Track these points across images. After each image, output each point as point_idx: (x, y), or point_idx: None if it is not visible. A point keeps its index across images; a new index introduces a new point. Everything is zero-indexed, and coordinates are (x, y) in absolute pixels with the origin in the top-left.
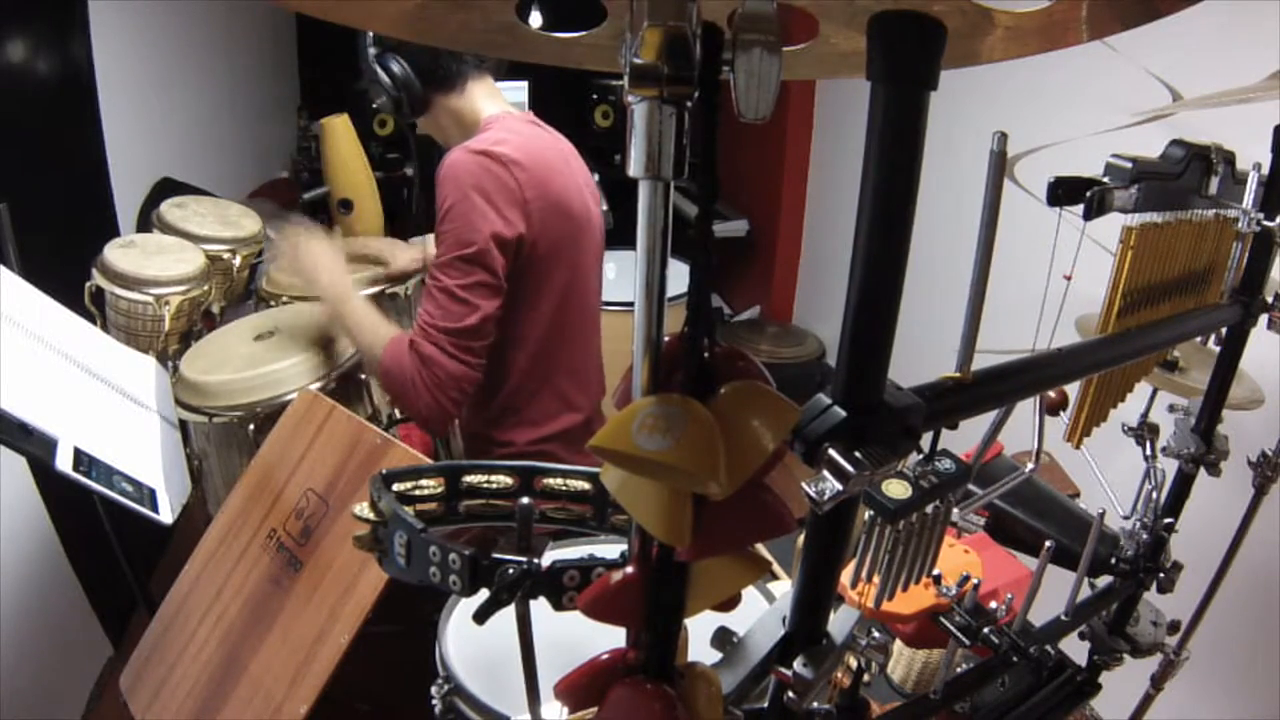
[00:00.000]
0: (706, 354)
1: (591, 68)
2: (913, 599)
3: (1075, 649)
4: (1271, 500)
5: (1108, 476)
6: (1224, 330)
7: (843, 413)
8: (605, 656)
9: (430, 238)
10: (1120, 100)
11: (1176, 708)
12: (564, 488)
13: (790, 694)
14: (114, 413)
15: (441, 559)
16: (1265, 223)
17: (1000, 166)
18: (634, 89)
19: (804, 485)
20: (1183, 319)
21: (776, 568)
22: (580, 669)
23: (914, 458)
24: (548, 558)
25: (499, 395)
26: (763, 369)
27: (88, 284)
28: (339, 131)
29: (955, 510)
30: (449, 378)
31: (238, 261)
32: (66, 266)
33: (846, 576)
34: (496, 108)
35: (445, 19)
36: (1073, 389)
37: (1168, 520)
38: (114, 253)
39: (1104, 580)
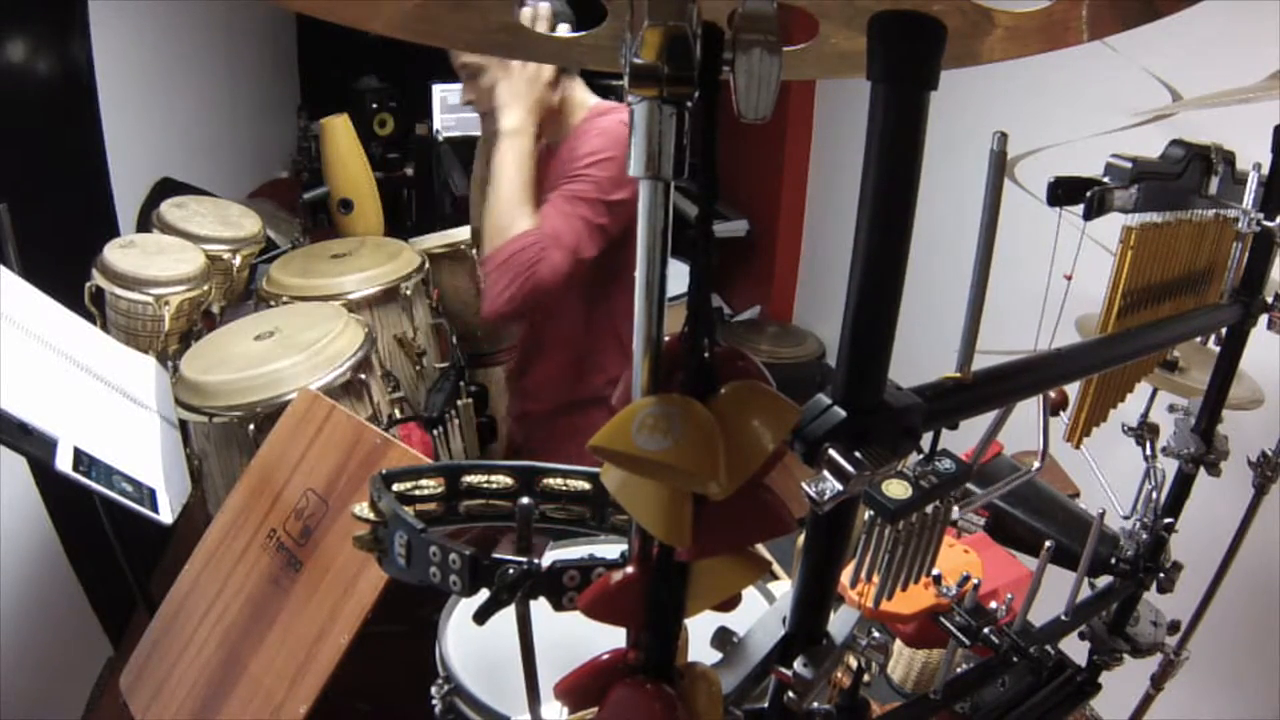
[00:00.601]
0: (706, 354)
1: (591, 68)
2: (913, 599)
3: (1075, 649)
4: (1271, 500)
5: (1108, 476)
6: (1224, 330)
7: (843, 413)
8: (605, 656)
9: None
10: (1120, 100)
11: (1176, 708)
12: (564, 488)
13: (790, 694)
14: (114, 413)
15: (441, 559)
16: (1265, 223)
17: (1000, 166)
18: (634, 89)
19: (804, 485)
20: (1183, 319)
21: (776, 568)
22: (580, 669)
23: (914, 458)
24: (548, 558)
25: (587, 344)
26: (763, 369)
27: (88, 284)
28: (339, 131)
29: (955, 509)
30: (546, 291)
31: (238, 261)
32: (66, 266)
33: (846, 576)
34: (595, 98)
35: (445, 19)
36: (1073, 389)
37: (1168, 520)
38: (114, 253)
39: (1104, 580)
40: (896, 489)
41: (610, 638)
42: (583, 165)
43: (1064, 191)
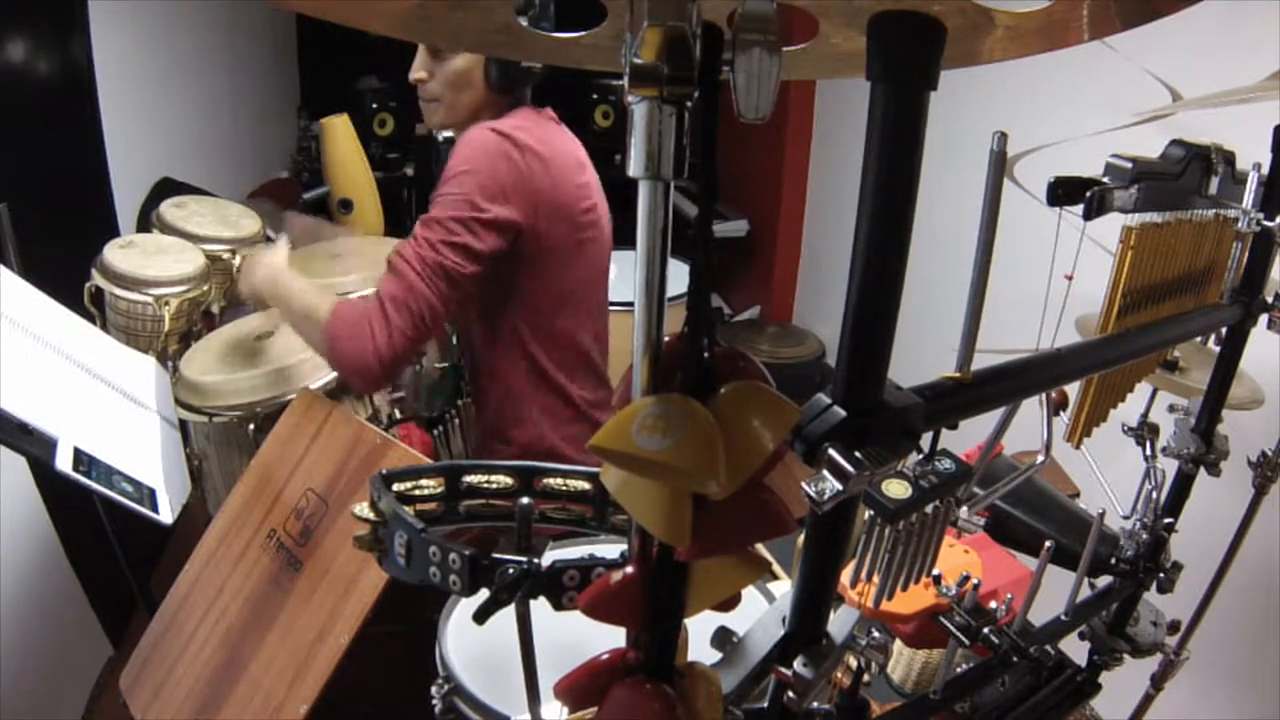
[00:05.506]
0: (706, 354)
1: (591, 68)
2: (913, 599)
3: (1075, 649)
4: (1271, 500)
5: (1108, 476)
6: (1224, 330)
7: (843, 413)
8: (605, 656)
9: None
10: (1120, 100)
11: (1176, 708)
12: (564, 488)
13: (790, 694)
14: (114, 413)
15: (441, 559)
16: (1265, 223)
17: (1000, 166)
18: (634, 89)
19: (804, 485)
20: (1183, 319)
21: (776, 568)
22: (580, 669)
23: (914, 458)
24: (548, 558)
25: (502, 392)
26: (763, 369)
27: (88, 284)
28: (339, 131)
29: (963, 510)
30: (415, 298)
31: (238, 261)
32: (66, 266)
33: (846, 576)
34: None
35: (445, 19)
36: (1073, 389)
37: (1168, 520)
38: (114, 253)
39: (1104, 580)
40: (896, 489)
41: (610, 638)
42: (439, 183)
43: (1064, 191)
